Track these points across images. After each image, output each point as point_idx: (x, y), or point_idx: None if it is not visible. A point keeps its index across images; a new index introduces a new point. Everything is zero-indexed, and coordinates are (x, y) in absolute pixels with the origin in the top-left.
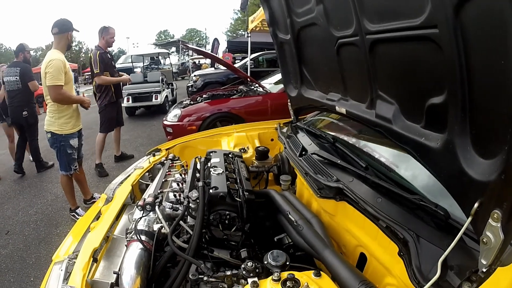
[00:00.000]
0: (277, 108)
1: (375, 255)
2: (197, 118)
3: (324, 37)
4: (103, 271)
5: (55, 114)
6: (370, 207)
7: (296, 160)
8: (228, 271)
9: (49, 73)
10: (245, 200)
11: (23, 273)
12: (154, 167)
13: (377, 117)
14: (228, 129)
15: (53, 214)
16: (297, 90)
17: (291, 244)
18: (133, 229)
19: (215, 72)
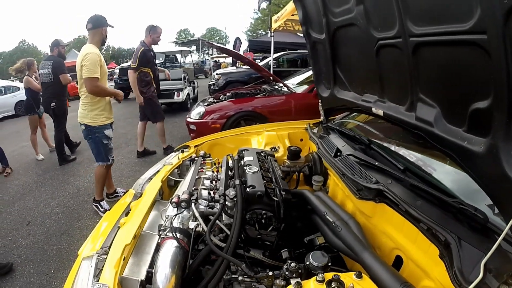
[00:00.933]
0: (301, 109)
1: (412, 257)
2: (221, 116)
3: (363, 38)
4: (132, 268)
5: (88, 106)
6: (412, 209)
7: (331, 161)
8: (270, 272)
9: (85, 66)
10: (282, 199)
11: (44, 264)
12: (182, 164)
13: (418, 120)
14: (258, 128)
15: (75, 207)
16: (329, 91)
17: (323, 246)
18: (168, 227)
19: (237, 71)
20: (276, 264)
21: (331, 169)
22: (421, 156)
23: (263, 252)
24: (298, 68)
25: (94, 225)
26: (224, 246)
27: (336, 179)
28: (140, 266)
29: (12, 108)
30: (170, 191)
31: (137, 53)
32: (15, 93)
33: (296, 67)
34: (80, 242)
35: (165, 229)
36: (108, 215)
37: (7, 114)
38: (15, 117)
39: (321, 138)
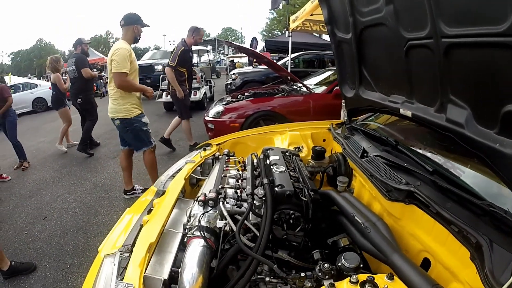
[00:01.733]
0: (320, 109)
1: (441, 260)
2: (240, 115)
3: (392, 38)
4: (155, 266)
5: (119, 100)
6: (444, 210)
7: (358, 161)
8: (302, 273)
9: (115, 60)
10: (311, 200)
11: (59, 259)
12: (204, 162)
13: (448, 121)
14: (280, 127)
15: (92, 203)
16: (354, 91)
17: (347, 247)
18: (194, 225)
19: (254, 70)
20: (303, 266)
21: (358, 170)
22: (448, 158)
23: (288, 252)
24: (315, 68)
25: (111, 221)
26: (252, 246)
27: (362, 180)
28: (162, 264)
29: (30, 104)
30: (192, 189)
31: (177, 52)
32: (33, 90)
33: (313, 68)
34: (97, 238)
35: (192, 228)
36: (128, 212)
37: (25, 110)
38: (32, 113)
39: (346, 139)
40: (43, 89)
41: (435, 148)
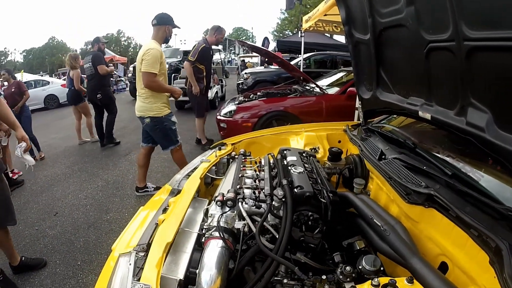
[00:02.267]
0: (333, 110)
1: (459, 264)
2: (252, 115)
3: (412, 40)
4: (170, 266)
5: (151, 99)
6: (464, 214)
7: (376, 164)
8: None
9: (146, 60)
10: (330, 201)
11: (70, 256)
12: (219, 161)
13: (468, 125)
14: (296, 128)
15: (103, 200)
16: (371, 92)
17: (363, 250)
18: (213, 226)
19: (266, 70)
20: (323, 268)
21: (375, 172)
22: (466, 161)
23: (305, 254)
24: (327, 69)
25: (123, 219)
26: (271, 248)
27: (380, 183)
28: (178, 264)
29: (42, 101)
30: (206, 188)
31: (198, 48)
32: (45, 87)
33: (325, 68)
34: (108, 235)
35: (210, 228)
36: (142, 210)
37: (37, 107)
38: (44, 110)
39: (363, 141)
40: (55, 86)
41: (453, 151)
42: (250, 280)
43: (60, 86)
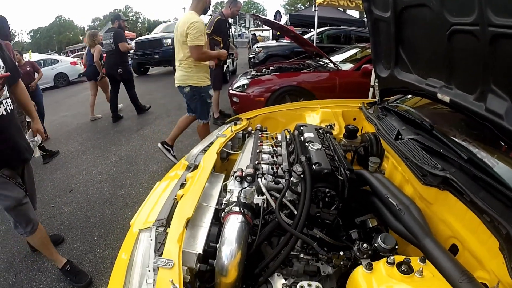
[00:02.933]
0: (346, 86)
1: (469, 248)
2: (266, 89)
3: (434, 21)
4: (188, 240)
5: (192, 68)
6: (478, 199)
7: (392, 143)
8: (341, 252)
9: (192, 34)
10: (347, 179)
11: (87, 231)
12: (235, 136)
13: (487, 111)
14: (311, 104)
15: (118, 175)
16: (388, 71)
17: (375, 228)
18: (232, 201)
19: (279, 45)
20: (339, 244)
21: (391, 151)
22: (482, 147)
23: (320, 230)
24: (340, 44)
25: (137, 193)
26: (290, 223)
27: (395, 162)
28: (196, 239)
29: (51, 80)
30: (222, 163)
31: (213, 20)
32: (54, 65)
33: (338, 44)
34: (123, 210)
35: (229, 204)
36: (159, 186)
37: (47, 85)
38: (54, 88)
39: (379, 119)
40: (64, 64)
41: (469, 136)
42: (268, 254)
43: (70, 64)
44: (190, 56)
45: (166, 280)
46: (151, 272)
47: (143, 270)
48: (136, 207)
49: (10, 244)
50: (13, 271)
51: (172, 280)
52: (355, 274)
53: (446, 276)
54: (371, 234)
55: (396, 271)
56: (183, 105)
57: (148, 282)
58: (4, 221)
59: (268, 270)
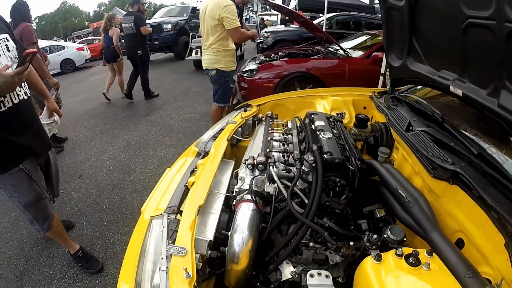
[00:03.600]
0: (356, 74)
1: (475, 243)
2: (275, 75)
3: (450, 12)
4: (199, 227)
5: (221, 53)
6: (487, 196)
7: (403, 134)
8: (351, 242)
9: (227, 17)
10: (358, 169)
11: (96, 217)
12: (245, 123)
13: (500, 107)
14: (322, 92)
15: (126, 160)
16: (401, 61)
17: (383, 218)
18: (244, 189)
19: (287, 30)
20: (348, 234)
21: (402, 142)
22: (491, 143)
23: (328, 219)
24: (349, 31)
25: (146, 179)
26: (301, 212)
27: (405, 154)
28: (206, 226)
29: (58, 66)
30: (231, 149)
31: None
32: (60, 51)
33: (347, 30)
34: (132, 195)
35: (241, 192)
36: (169, 172)
37: (54, 72)
38: (61, 74)
39: (390, 109)
40: (70, 50)
41: (479, 130)
42: (277, 241)
43: (76, 50)
44: (220, 40)
45: (179, 268)
46: (164, 260)
47: (155, 257)
48: (145, 192)
49: (21, 231)
50: (24, 258)
51: (186, 268)
52: (364, 264)
53: (452, 270)
54: (378, 224)
55: (404, 263)
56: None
57: (161, 270)
58: (14, 208)
59: (278, 258)
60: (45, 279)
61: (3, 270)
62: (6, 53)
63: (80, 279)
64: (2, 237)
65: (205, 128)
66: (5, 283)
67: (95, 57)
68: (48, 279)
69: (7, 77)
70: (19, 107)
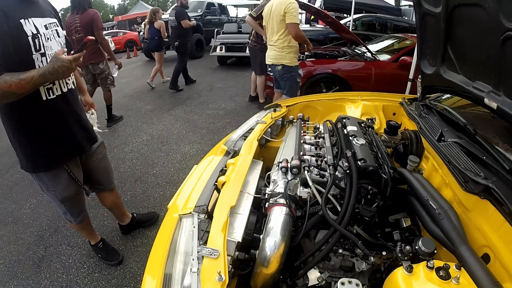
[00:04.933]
0: (382, 78)
1: (502, 259)
2: None
3: (488, 23)
4: (228, 228)
5: (286, 49)
6: None
7: (435, 144)
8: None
9: (291, 13)
10: (391, 178)
11: None
12: (274, 123)
13: None
14: (352, 95)
15: (149, 154)
16: (434, 68)
17: (409, 228)
18: (277, 192)
19: (313, 29)
20: (372, 241)
21: (433, 152)
22: None
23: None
24: (375, 33)
25: (169, 173)
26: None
27: (436, 164)
28: (234, 226)
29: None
30: (259, 149)
31: (263, 5)
32: None
33: (373, 32)
34: (154, 189)
35: (273, 195)
36: (196, 170)
37: None
38: None
39: (421, 117)
40: None
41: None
42: (306, 246)
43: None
44: (285, 36)
45: (211, 270)
46: (195, 261)
47: (186, 258)
48: (167, 187)
49: (41, 218)
50: (43, 245)
51: (220, 271)
52: (395, 275)
53: (479, 285)
54: (404, 234)
55: (434, 276)
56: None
57: (193, 271)
58: (35, 195)
59: (309, 264)
60: (63, 267)
61: (22, 256)
62: (56, 38)
63: (99, 270)
64: (22, 223)
65: (229, 125)
66: (22, 269)
67: (119, 49)
68: (66, 268)
69: (65, 62)
70: (67, 96)
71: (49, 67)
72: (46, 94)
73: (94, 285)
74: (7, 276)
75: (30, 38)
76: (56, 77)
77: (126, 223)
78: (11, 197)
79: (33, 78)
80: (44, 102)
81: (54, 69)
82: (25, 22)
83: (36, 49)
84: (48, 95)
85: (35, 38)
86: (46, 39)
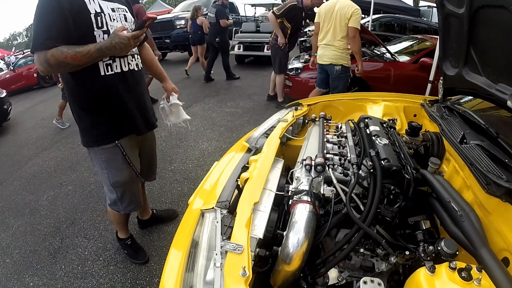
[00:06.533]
0: (401, 79)
1: None
2: None
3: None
4: None
5: (344, 50)
6: None
7: (458, 146)
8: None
9: (356, 17)
10: (413, 178)
11: None
12: (295, 122)
13: None
14: (373, 96)
15: (167, 150)
16: (456, 70)
17: (430, 230)
18: (301, 189)
19: None
20: (393, 242)
21: (455, 155)
22: None
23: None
24: (394, 33)
25: (187, 170)
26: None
27: (457, 166)
28: (255, 223)
29: None
30: (280, 147)
31: (286, 4)
32: None
33: (392, 32)
34: (172, 185)
35: (297, 192)
36: (218, 165)
37: None
38: None
39: (443, 119)
40: None
41: None
42: (326, 244)
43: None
44: (345, 38)
45: (235, 265)
46: (219, 256)
47: (209, 253)
48: (185, 183)
49: (58, 210)
50: (59, 236)
51: (245, 267)
52: (417, 274)
53: None
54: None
55: (457, 277)
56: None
57: (216, 266)
58: (53, 187)
59: (331, 262)
60: (78, 259)
61: (38, 246)
62: (123, 21)
63: (115, 263)
64: (39, 214)
65: (247, 123)
66: (38, 259)
67: None
68: (82, 260)
69: (122, 38)
70: (127, 76)
71: (107, 42)
72: (105, 69)
73: (110, 277)
74: (23, 265)
75: (93, 16)
76: (113, 53)
77: (145, 218)
78: (29, 188)
79: (89, 52)
80: (102, 77)
81: (112, 45)
82: (90, 1)
83: (98, 26)
84: (106, 71)
85: (98, 16)
86: (112, 19)
